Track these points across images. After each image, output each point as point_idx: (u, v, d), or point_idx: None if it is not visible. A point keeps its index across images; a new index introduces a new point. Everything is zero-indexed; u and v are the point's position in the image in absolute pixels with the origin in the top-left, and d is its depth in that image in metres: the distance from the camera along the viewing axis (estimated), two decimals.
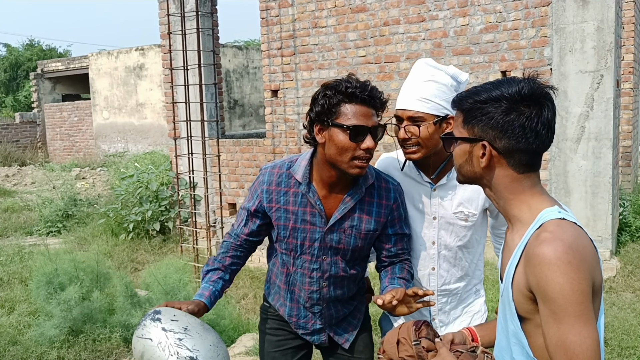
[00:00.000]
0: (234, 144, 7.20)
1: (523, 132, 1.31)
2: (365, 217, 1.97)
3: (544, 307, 1.22)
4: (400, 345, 1.55)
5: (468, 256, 2.16)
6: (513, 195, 1.36)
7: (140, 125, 15.63)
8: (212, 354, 1.65)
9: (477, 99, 1.36)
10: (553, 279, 1.18)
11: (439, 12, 5.83)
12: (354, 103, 1.80)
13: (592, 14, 5.14)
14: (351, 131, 1.78)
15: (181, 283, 4.04)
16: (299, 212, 1.94)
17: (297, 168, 1.95)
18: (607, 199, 5.25)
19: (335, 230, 1.95)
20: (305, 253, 1.98)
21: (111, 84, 16.07)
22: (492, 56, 5.61)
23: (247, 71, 16.00)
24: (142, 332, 1.67)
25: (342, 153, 1.81)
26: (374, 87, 1.85)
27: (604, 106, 5.16)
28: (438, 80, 2.00)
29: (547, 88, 1.34)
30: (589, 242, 1.26)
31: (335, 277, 2.01)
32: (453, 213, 2.10)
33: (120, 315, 4.27)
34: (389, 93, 6.12)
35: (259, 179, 2.01)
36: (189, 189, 6.46)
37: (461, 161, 1.42)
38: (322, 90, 1.84)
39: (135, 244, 7.28)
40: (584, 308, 1.18)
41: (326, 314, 2.07)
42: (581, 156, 5.30)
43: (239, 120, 15.66)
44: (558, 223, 1.26)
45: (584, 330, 1.17)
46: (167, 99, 7.70)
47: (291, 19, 6.67)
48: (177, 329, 1.65)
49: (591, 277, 1.20)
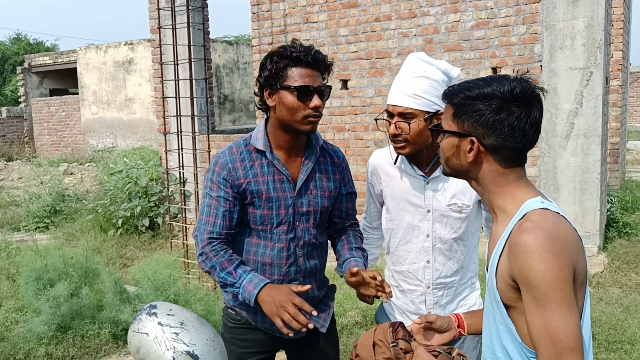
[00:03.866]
0: (224, 139, 7.17)
1: (511, 131, 1.33)
2: (325, 177, 2.08)
3: (526, 295, 1.25)
4: (377, 347, 1.51)
5: (463, 248, 2.17)
6: (498, 188, 1.39)
7: (129, 120, 15.52)
8: (209, 349, 1.63)
9: (468, 95, 1.37)
10: (535, 266, 1.21)
11: (431, 8, 5.83)
12: (299, 66, 1.89)
13: (582, 11, 5.17)
14: (298, 92, 1.88)
15: (171, 279, 4.01)
16: (269, 181, 1.99)
17: (255, 140, 2.01)
18: (596, 195, 5.29)
19: (304, 194, 2.03)
20: (282, 223, 2.00)
21: (100, 78, 15.94)
22: (483, 52, 5.63)
23: (238, 66, 15.94)
24: (138, 327, 1.65)
25: (293, 113, 1.90)
26: (318, 50, 1.95)
27: (593, 103, 5.20)
28: (429, 76, 2.00)
29: (538, 89, 1.37)
30: (571, 231, 1.29)
31: (309, 245, 2.05)
32: (447, 205, 2.11)
33: (109, 311, 4.24)
34: (380, 89, 6.12)
35: (218, 162, 1.99)
36: (178, 185, 6.43)
37: (448, 154, 1.44)
38: (269, 56, 1.93)
39: (124, 239, 7.23)
40: (566, 294, 1.21)
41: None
42: (570, 153, 5.34)
43: (228, 116, 15.61)
44: (540, 213, 1.29)
45: (566, 316, 1.20)
46: (157, 94, 7.65)
47: (282, 14, 6.64)
48: (174, 324, 1.64)
49: (572, 265, 1.23)
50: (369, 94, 6.22)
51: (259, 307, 1.91)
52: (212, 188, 1.99)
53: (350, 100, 6.31)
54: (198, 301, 4.10)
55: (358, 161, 6.28)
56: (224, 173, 1.97)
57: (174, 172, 6.73)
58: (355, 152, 6.36)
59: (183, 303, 3.99)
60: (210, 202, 1.99)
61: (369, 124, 6.25)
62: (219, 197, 1.97)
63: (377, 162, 2.27)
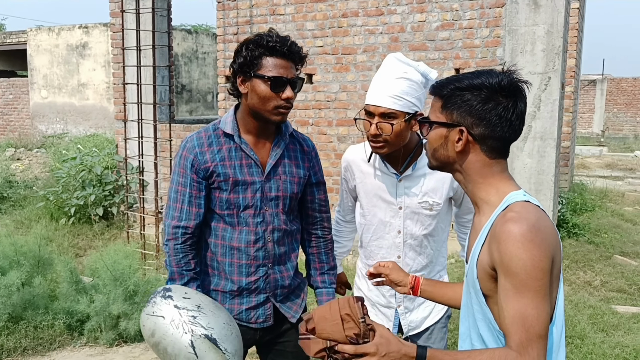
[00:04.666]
0: (184, 129, 7.04)
1: (499, 121, 1.38)
2: (294, 163, 2.09)
3: (505, 282, 1.29)
4: (345, 322, 1.40)
5: (433, 244, 2.24)
6: (483, 179, 1.43)
7: (81, 106, 15.01)
8: (226, 332, 1.62)
9: (458, 86, 1.41)
10: (517, 254, 1.26)
11: (397, 6, 5.89)
12: (274, 56, 1.89)
13: (543, 17, 5.33)
14: (272, 82, 1.88)
15: (131, 269, 3.92)
16: (236, 165, 1.99)
17: (224, 124, 2.02)
18: (550, 196, 5.48)
19: (272, 178, 2.03)
20: (249, 207, 2.00)
21: (51, 61, 15.34)
22: (447, 53, 5.73)
23: (197, 56, 15.66)
24: (153, 310, 1.62)
25: (264, 102, 1.91)
26: (294, 42, 1.94)
27: (550, 107, 5.38)
28: (410, 77, 2.05)
29: (523, 82, 1.42)
30: (550, 224, 1.34)
31: (279, 231, 2.05)
32: (418, 203, 2.17)
33: (63, 301, 4.11)
34: (345, 85, 6.15)
35: (186, 147, 2.00)
36: (137, 174, 6.28)
37: (436, 145, 1.46)
38: (245, 44, 1.93)
39: (77, 229, 7.01)
40: (543, 284, 1.26)
41: (271, 278, 2.06)
42: (527, 154, 5.51)
43: (185, 106, 15.31)
44: (523, 205, 1.34)
45: (541, 305, 1.26)
46: (115, 80, 7.44)
47: (249, 4, 6.57)
48: (190, 307, 1.61)
49: (551, 256, 1.28)
50: (333, 89, 6.23)
51: (224, 297, 1.96)
52: (179, 173, 2.00)
53: (315, 94, 6.32)
54: None
55: (321, 156, 6.29)
56: (191, 157, 1.98)
57: (132, 160, 6.57)
58: (318, 147, 6.32)
59: (143, 294, 3.91)
60: (177, 187, 2.00)
61: (332, 119, 6.27)
62: (186, 183, 1.99)
63: (351, 159, 2.30)
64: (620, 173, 13.98)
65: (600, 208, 8.25)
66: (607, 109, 25.24)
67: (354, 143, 6.15)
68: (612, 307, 4.63)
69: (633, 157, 17.14)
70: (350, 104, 6.14)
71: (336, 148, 6.30)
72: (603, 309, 4.55)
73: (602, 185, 10.31)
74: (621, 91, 25.37)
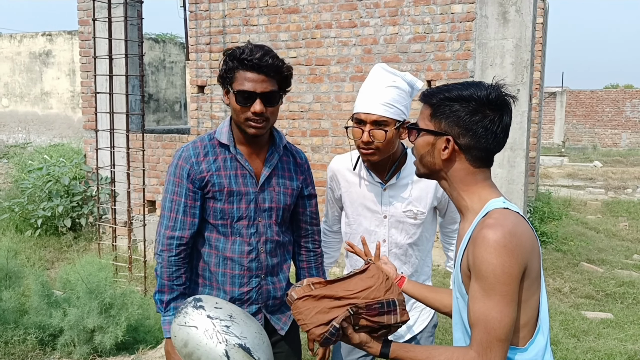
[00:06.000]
0: (155, 139, 6.96)
1: (485, 133, 1.44)
2: (287, 174, 2.11)
3: (475, 284, 1.35)
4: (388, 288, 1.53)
5: (418, 253, 2.27)
6: (467, 187, 1.48)
7: (44, 115, 14.66)
8: (259, 342, 1.62)
9: (447, 96, 1.46)
10: (488, 259, 1.32)
11: (370, 19, 5.98)
12: (244, 69, 1.89)
13: (511, 31, 5.49)
14: (236, 95, 1.90)
15: (107, 281, 3.84)
16: (231, 175, 1.99)
17: (220, 134, 2.02)
18: (520, 205, 5.62)
19: (266, 189, 2.04)
20: (243, 218, 2.00)
21: (13, 69, 14.95)
22: (420, 65, 5.84)
23: (164, 65, 15.51)
24: (185, 320, 1.60)
25: (237, 115, 1.94)
26: (267, 54, 1.90)
27: (519, 119, 5.53)
28: (399, 86, 2.10)
29: (510, 97, 1.48)
30: (527, 229, 1.40)
31: (271, 242, 2.06)
32: (403, 212, 2.20)
33: (34, 315, 3.99)
34: (318, 95, 6.19)
35: (182, 156, 1.99)
36: (108, 184, 6.16)
37: (423, 152, 1.52)
38: (224, 56, 1.96)
39: (44, 240, 6.83)
40: (510, 290, 1.32)
41: (264, 289, 2.06)
42: (498, 164, 5.64)
43: (153, 116, 15.12)
44: (501, 211, 1.40)
45: (505, 310, 1.32)
46: (84, 89, 7.30)
47: (221, 14, 6.56)
48: (223, 316, 1.61)
49: (524, 263, 1.34)
50: (307, 99, 6.27)
51: (222, 294, 1.98)
52: (174, 182, 1.99)
53: (289, 105, 6.33)
54: (134, 305, 3.94)
55: None
56: (187, 167, 1.97)
57: (103, 171, 6.45)
58: None
59: (119, 307, 3.83)
60: (172, 197, 1.99)
61: (306, 130, 6.29)
62: (181, 192, 1.97)
63: (337, 168, 2.33)
64: (581, 182, 14.43)
65: (566, 216, 8.49)
66: (567, 120, 26.05)
67: (328, 153, 6.18)
68: (582, 313, 4.77)
69: (592, 167, 17.71)
70: (324, 115, 6.19)
71: (310, 158, 6.32)
72: (573, 315, 4.68)
73: (566, 195, 10.63)
74: (580, 103, 26.23)
